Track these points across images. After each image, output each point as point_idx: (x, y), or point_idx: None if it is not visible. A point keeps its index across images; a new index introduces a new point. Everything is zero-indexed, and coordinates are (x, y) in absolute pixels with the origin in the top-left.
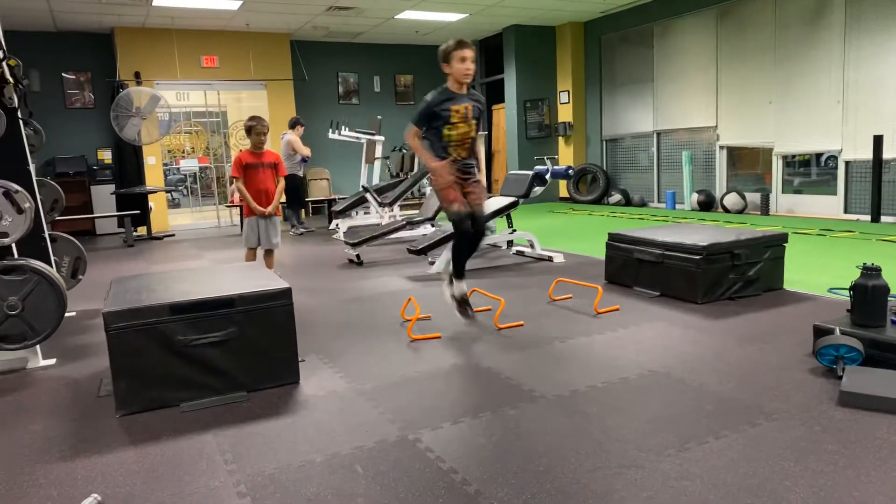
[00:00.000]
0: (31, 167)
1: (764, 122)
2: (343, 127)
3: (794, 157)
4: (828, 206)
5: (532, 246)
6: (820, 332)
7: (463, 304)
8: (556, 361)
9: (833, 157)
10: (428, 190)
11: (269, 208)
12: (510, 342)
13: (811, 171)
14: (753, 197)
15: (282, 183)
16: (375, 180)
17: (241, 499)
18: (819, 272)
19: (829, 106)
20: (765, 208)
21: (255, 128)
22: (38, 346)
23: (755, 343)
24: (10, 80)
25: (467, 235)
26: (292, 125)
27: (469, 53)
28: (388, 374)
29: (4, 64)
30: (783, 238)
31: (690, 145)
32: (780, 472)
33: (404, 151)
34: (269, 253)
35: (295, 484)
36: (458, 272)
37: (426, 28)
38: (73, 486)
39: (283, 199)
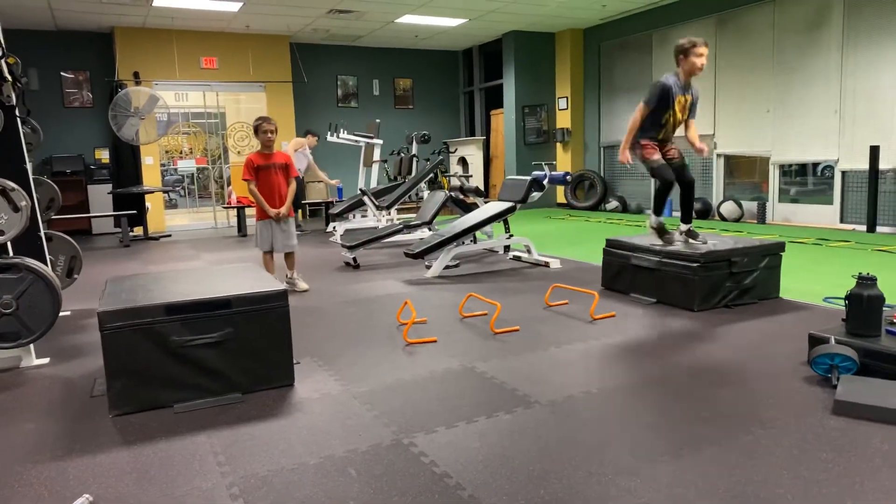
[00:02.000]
0: (28, 165)
1: (761, 131)
2: (342, 130)
3: (790, 166)
4: (824, 215)
5: (529, 251)
6: (815, 340)
7: (661, 232)
8: (551, 367)
9: (829, 167)
10: (425, 194)
11: (283, 209)
12: (506, 347)
13: (808, 180)
14: (750, 205)
15: (293, 184)
16: (373, 184)
17: (234, 500)
18: (815, 281)
19: (827, 115)
20: (761, 217)
21: (261, 126)
22: (32, 345)
23: (750, 351)
24: (9, 77)
25: (670, 183)
26: (304, 135)
27: (707, 51)
28: (383, 377)
29: (3, 62)
30: (780, 247)
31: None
32: (774, 479)
33: (402, 155)
34: (288, 255)
35: (288, 486)
36: (658, 211)
37: (426, 32)
38: (65, 487)
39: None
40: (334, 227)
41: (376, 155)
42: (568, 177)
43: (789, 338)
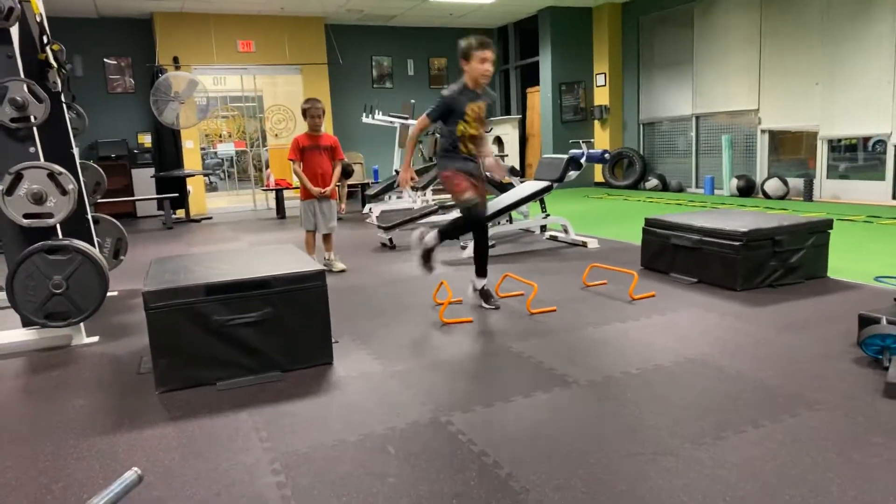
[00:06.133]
0: (75, 150)
1: (809, 105)
2: (376, 111)
3: (840, 141)
4: (875, 191)
5: (566, 231)
6: (865, 321)
7: (427, 257)
8: (589, 347)
9: (882, 142)
10: None
11: (326, 190)
12: (543, 327)
13: (858, 155)
14: (796, 182)
15: (339, 167)
16: None
17: (276, 475)
18: (865, 260)
19: (879, 87)
20: (808, 194)
21: (309, 110)
22: (81, 324)
23: (796, 331)
24: (54, 64)
25: (478, 223)
26: None
27: (490, 55)
28: (421, 356)
29: (48, 49)
30: (827, 224)
31: (730, 129)
32: (821, 463)
33: (437, 136)
34: (326, 237)
35: (327, 463)
36: (443, 239)
37: (460, 10)
38: (115, 460)
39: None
40: (370, 209)
41: None
42: (606, 155)
43: (838, 318)
